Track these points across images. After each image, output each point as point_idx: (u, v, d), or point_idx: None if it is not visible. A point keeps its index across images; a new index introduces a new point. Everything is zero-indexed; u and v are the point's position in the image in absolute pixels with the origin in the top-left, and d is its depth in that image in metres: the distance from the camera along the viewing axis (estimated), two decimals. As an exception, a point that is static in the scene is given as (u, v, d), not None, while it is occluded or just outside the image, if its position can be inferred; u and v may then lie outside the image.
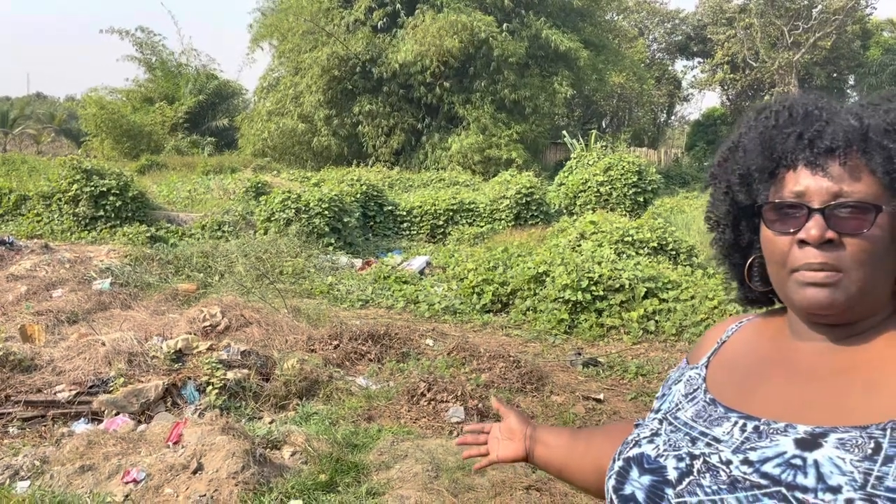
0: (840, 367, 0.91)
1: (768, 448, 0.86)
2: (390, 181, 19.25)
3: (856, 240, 0.88)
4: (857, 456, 0.80)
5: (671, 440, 0.95)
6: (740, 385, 0.99)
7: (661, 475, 0.91)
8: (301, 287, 9.00)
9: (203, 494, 3.40)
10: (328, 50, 22.87)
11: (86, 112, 27.87)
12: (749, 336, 1.08)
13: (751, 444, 0.88)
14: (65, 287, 7.97)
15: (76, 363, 4.98)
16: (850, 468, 0.79)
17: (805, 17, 32.72)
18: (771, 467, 0.83)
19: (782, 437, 0.86)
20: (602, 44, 27.17)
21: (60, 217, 12.63)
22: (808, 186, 0.91)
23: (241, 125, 27.11)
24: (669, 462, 0.91)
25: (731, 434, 0.91)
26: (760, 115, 1.00)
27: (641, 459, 0.95)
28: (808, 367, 0.94)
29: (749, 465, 0.85)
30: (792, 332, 0.99)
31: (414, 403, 4.74)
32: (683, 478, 0.89)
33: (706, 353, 1.11)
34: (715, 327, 1.19)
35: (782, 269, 0.94)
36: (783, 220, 0.93)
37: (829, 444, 0.82)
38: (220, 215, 12.70)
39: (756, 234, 1.02)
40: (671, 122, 45.96)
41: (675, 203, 19.90)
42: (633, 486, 0.93)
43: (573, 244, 9.82)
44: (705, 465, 0.88)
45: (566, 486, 3.72)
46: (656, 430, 0.99)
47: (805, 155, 0.91)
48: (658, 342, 6.93)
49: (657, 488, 0.90)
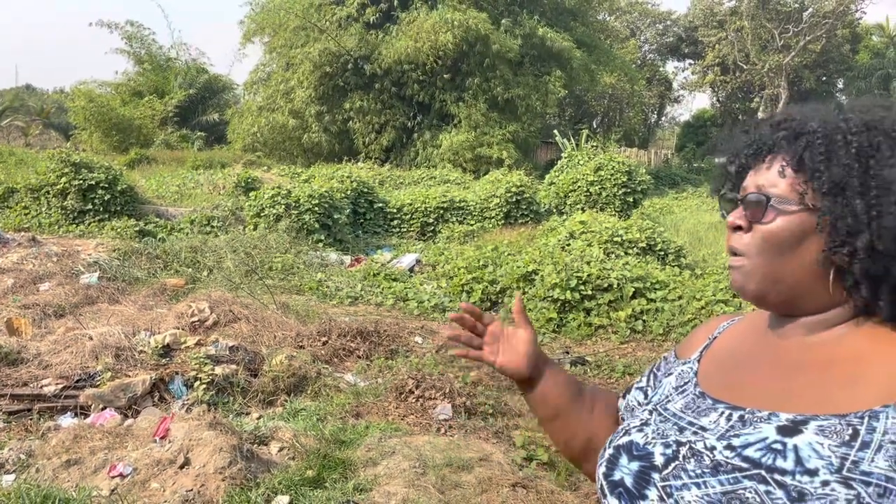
0: (821, 361, 0.94)
1: (751, 434, 0.89)
2: (381, 178, 19.23)
3: (760, 226, 0.98)
4: (835, 441, 0.83)
5: (660, 429, 0.99)
6: (729, 378, 1.03)
7: (648, 461, 0.95)
8: (290, 283, 8.99)
9: (190, 489, 3.40)
10: (320, 46, 22.80)
11: (75, 105, 27.67)
12: (739, 332, 1.12)
13: (735, 432, 0.91)
14: (52, 280, 7.92)
15: (63, 357, 4.96)
16: (827, 453, 0.82)
17: (795, 21, 32.91)
18: (752, 451, 0.87)
19: (765, 424, 0.89)
20: (594, 44, 27.24)
21: (48, 210, 12.55)
22: (748, 183, 1.01)
23: (232, 120, 27.00)
24: (657, 449, 0.95)
25: (718, 423, 0.94)
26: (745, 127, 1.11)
27: (631, 447, 0.98)
28: (791, 360, 0.97)
29: (732, 450, 0.88)
30: (771, 326, 1.04)
31: (402, 400, 4.75)
32: (669, 463, 0.93)
33: (698, 348, 1.15)
34: (706, 324, 1.22)
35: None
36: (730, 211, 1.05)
37: (810, 431, 0.85)
38: (210, 210, 12.66)
39: None
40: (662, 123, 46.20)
41: (665, 204, 20.02)
42: (622, 472, 0.97)
43: (563, 243, 9.85)
44: (690, 451, 0.92)
45: (552, 484, 3.74)
46: (646, 420, 1.03)
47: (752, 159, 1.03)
48: (645, 342, 6.97)
49: (644, 473, 0.94)
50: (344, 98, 23.82)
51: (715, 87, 38.31)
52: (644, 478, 0.94)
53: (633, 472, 0.96)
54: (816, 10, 32.56)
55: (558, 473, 3.91)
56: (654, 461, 0.94)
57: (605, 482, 0.99)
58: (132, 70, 32.59)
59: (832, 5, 31.95)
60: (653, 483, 0.93)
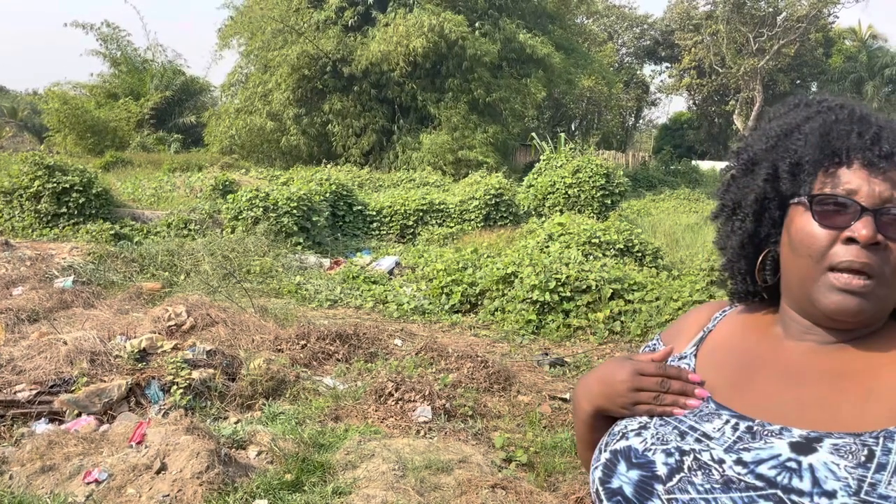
0: (833, 371, 0.92)
1: (762, 450, 0.86)
2: (360, 181, 19.19)
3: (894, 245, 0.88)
4: (851, 462, 0.81)
5: (659, 433, 0.94)
6: (731, 381, 0.98)
7: (649, 470, 0.91)
8: (269, 286, 8.94)
9: (167, 494, 3.37)
10: (298, 48, 22.71)
11: (48, 107, 27.32)
12: (736, 329, 1.07)
13: (744, 445, 0.88)
14: (25, 285, 7.81)
15: (37, 362, 4.89)
16: (844, 474, 0.80)
17: (770, 25, 33.37)
18: (766, 469, 0.84)
19: (777, 439, 0.87)
20: (572, 47, 27.38)
21: (21, 214, 12.36)
22: (861, 186, 0.89)
23: (209, 122, 26.82)
24: (658, 457, 0.91)
25: (723, 432, 0.91)
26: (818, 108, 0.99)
27: (629, 453, 0.94)
28: (800, 368, 0.94)
29: (743, 465, 0.85)
30: (784, 330, 0.99)
31: (381, 403, 4.74)
32: (674, 474, 0.88)
33: (691, 341, 1.10)
34: (696, 312, 1.16)
35: (817, 264, 0.91)
36: (830, 215, 0.91)
37: (824, 450, 0.83)
38: (187, 213, 12.54)
39: (775, 228, 1.01)
40: (639, 126, 46.62)
41: (642, 205, 20.17)
42: (620, 480, 0.92)
43: (541, 245, 9.90)
44: (696, 463, 0.88)
45: (531, 485, 3.75)
46: (644, 424, 0.97)
47: (865, 154, 0.90)
48: (623, 342, 7.02)
49: (646, 483, 0.90)
50: (322, 100, 23.75)
51: (691, 90, 38.72)
52: (646, 488, 0.90)
53: (632, 482, 0.91)
54: (790, 15, 33.03)
55: (537, 474, 3.93)
56: (656, 471, 0.90)
57: (602, 488, 0.95)
58: (107, 72, 32.29)
59: (805, 10, 32.44)
60: (656, 495, 0.88)
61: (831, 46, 37.81)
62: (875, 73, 35.80)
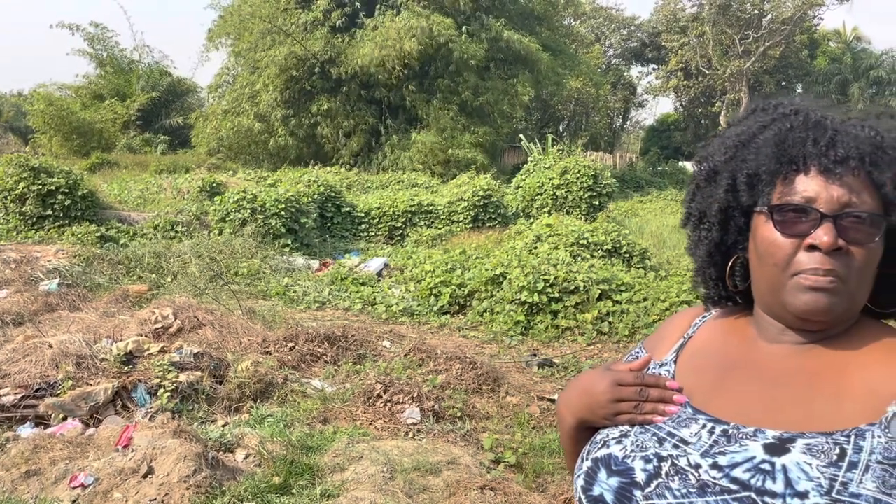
0: (807, 371, 0.92)
1: (737, 453, 0.86)
2: (348, 182, 19.16)
3: (861, 250, 0.89)
4: (823, 462, 0.82)
5: (639, 440, 0.95)
6: (709, 386, 0.99)
7: (628, 477, 0.91)
8: (256, 288, 8.90)
9: (153, 499, 3.35)
10: (286, 49, 22.66)
11: (34, 108, 27.15)
12: (715, 335, 1.07)
13: (720, 448, 0.88)
14: (10, 288, 7.74)
15: (22, 366, 4.85)
16: (816, 474, 0.81)
17: (755, 27, 33.61)
18: (740, 472, 0.84)
19: (751, 441, 0.87)
20: (559, 48, 27.47)
21: (6, 216, 12.25)
22: (819, 193, 0.90)
23: (196, 123, 26.69)
24: (637, 464, 0.92)
25: (699, 437, 0.91)
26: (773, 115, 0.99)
27: (609, 461, 0.95)
28: (775, 370, 0.95)
29: (718, 469, 0.86)
30: (759, 333, 1.00)
31: (370, 405, 4.73)
32: (651, 480, 0.89)
33: (672, 347, 1.10)
34: (678, 318, 1.17)
35: (782, 272, 0.92)
36: (791, 224, 0.91)
37: (797, 450, 0.84)
38: (174, 215, 12.48)
39: (741, 235, 1.01)
40: (626, 127, 46.77)
41: (630, 207, 20.27)
42: (601, 488, 0.93)
43: (530, 246, 9.92)
44: (673, 468, 0.89)
45: (520, 486, 3.76)
46: (625, 432, 0.98)
47: (821, 161, 0.91)
48: (611, 343, 7.04)
49: (625, 490, 0.91)
50: (311, 101, 23.70)
51: (678, 91, 38.92)
52: (625, 495, 0.90)
53: (612, 489, 0.92)
54: (775, 17, 33.30)
55: (526, 475, 3.93)
56: (634, 477, 0.91)
57: (584, 496, 0.95)
58: (93, 73, 32.08)
59: (790, 12, 32.71)
60: (635, 501, 0.89)
61: (816, 48, 38.14)
62: (860, 75, 36.13)
